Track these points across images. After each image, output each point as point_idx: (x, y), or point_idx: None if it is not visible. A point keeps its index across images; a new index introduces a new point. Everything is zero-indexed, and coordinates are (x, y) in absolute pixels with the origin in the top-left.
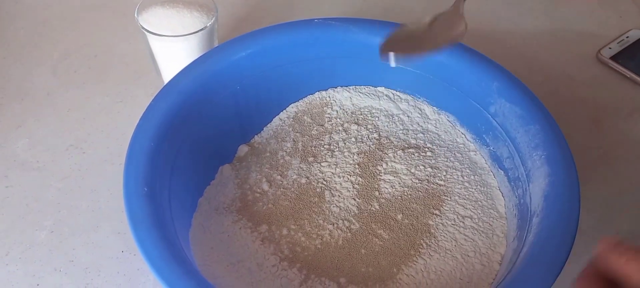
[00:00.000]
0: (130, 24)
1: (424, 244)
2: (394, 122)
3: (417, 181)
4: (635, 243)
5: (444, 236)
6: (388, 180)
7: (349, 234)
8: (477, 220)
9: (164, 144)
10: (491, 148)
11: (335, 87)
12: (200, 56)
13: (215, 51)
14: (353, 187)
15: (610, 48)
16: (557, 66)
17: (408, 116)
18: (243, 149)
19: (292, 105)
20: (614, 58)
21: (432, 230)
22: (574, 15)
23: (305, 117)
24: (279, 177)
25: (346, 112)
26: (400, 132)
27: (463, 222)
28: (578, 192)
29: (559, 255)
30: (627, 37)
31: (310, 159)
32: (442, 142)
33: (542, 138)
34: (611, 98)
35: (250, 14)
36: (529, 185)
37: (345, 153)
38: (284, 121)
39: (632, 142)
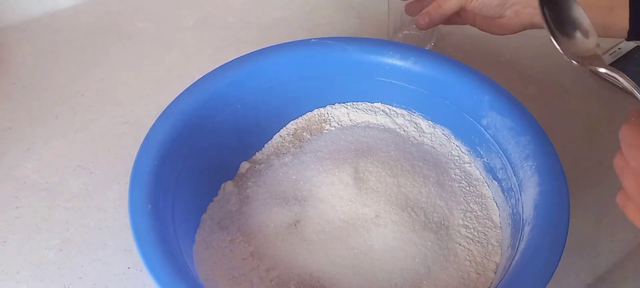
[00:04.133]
0: (133, 47)
1: (420, 254)
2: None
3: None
4: (629, 253)
5: (440, 246)
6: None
7: (345, 246)
8: (472, 230)
9: (168, 162)
10: (485, 160)
11: (333, 104)
12: (202, 77)
13: (216, 72)
14: (350, 200)
15: None
16: (550, 78)
17: (404, 130)
18: (245, 166)
19: (292, 122)
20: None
21: (429, 241)
22: None
23: (304, 133)
24: (279, 192)
25: (344, 127)
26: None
27: (459, 232)
28: (567, 199)
29: (549, 262)
30: (619, 48)
31: (309, 174)
32: (438, 155)
33: (532, 149)
34: (604, 109)
35: (250, 35)
36: (521, 195)
37: (342, 168)
38: (284, 138)
39: None
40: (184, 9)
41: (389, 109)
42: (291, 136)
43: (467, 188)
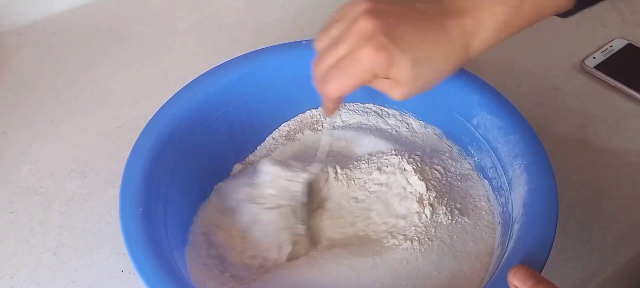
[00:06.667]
0: (130, 50)
1: (413, 252)
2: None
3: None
4: (622, 250)
5: (432, 245)
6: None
7: (338, 246)
8: (464, 229)
9: (159, 165)
10: (476, 159)
11: None
12: (194, 80)
13: (207, 75)
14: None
15: (594, 58)
16: (542, 77)
17: (396, 131)
18: (237, 168)
19: (284, 124)
20: (598, 67)
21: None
22: (559, 26)
23: (297, 135)
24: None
25: (336, 128)
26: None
27: (451, 231)
28: (555, 197)
29: (537, 260)
30: (611, 46)
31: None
32: (430, 154)
33: (521, 147)
34: (596, 107)
35: (247, 36)
36: (510, 194)
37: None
38: (277, 139)
39: (617, 150)
40: (181, 10)
41: (381, 110)
42: (283, 138)
43: (459, 187)
